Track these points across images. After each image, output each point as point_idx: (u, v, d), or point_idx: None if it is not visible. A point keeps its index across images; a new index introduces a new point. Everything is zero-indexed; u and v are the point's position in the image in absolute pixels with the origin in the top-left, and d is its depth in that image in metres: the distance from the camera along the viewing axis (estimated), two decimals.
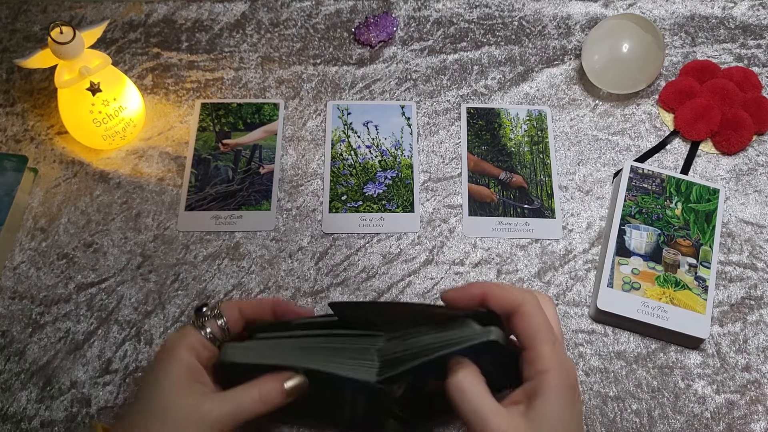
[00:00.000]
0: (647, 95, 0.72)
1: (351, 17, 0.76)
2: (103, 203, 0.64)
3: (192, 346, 0.44)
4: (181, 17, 0.75)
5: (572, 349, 0.58)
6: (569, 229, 0.64)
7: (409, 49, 0.74)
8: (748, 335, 0.58)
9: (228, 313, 0.47)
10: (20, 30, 0.75)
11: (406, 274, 0.61)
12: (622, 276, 0.58)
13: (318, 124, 0.69)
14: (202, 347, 0.45)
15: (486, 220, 0.64)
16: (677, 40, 0.75)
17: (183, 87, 0.71)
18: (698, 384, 0.56)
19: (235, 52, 0.73)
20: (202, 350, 0.45)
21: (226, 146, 0.67)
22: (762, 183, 0.66)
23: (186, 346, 0.44)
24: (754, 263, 0.62)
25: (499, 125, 0.69)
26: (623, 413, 0.55)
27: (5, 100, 0.70)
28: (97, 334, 0.58)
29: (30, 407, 0.54)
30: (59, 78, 0.60)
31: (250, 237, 0.63)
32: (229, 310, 0.47)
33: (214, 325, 0.46)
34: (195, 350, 0.44)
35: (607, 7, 0.77)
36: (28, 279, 0.60)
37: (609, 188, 0.66)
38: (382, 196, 0.65)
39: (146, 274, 0.61)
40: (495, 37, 0.75)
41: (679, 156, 0.68)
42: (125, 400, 0.55)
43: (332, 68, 0.72)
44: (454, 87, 0.71)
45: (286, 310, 0.48)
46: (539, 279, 0.61)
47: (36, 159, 0.66)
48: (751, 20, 0.76)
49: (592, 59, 0.69)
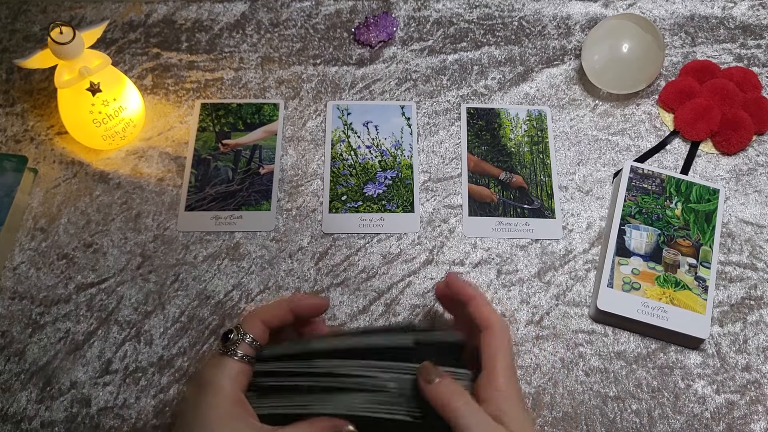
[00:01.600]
0: (647, 95, 0.72)
1: (351, 17, 0.76)
2: (103, 203, 0.64)
3: (233, 376, 0.44)
4: (181, 17, 0.75)
5: (572, 350, 0.58)
6: (569, 229, 0.64)
7: (409, 49, 0.74)
8: (748, 335, 0.58)
9: (252, 330, 0.46)
10: (20, 30, 0.75)
11: (406, 274, 0.61)
12: (622, 276, 0.58)
13: (318, 125, 0.69)
14: (241, 374, 0.45)
15: (486, 221, 0.64)
16: (677, 40, 0.75)
17: (183, 87, 0.71)
18: (698, 384, 0.56)
19: (235, 53, 0.73)
20: (242, 378, 0.45)
21: (226, 146, 0.67)
22: (762, 183, 0.66)
23: (227, 377, 0.44)
24: (754, 263, 0.62)
25: (499, 125, 0.69)
26: (623, 413, 0.55)
27: (5, 100, 0.70)
28: (97, 335, 0.58)
29: (30, 407, 0.54)
30: (59, 78, 0.60)
31: (250, 237, 0.63)
32: (253, 326, 0.46)
33: (245, 346, 0.45)
34: (236, 380, 0.44)
35: (607, 7, 0.77)
36: (28, 279, 0.60)
37: (609, 188, 0.66)
38: (382, 197, 0.65)
39: (146, 274, 0.61)
40: (495, 37, 0.75)
41: (679, 156, 0.68)
42: (125, 401, 0.55)
43: (332, 68, 0.72)
44: (454, 87, 0.71)
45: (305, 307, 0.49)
46: (539, 279, 0.61)
47: (36, 159, 0.66)
48: (751, 20, 0.76)
49: (592, 59, 0.69)
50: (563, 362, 0.57)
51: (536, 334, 0.58)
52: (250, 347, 0.46)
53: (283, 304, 0.48)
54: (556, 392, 0.56)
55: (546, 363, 0.57)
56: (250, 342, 0.46)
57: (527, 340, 0.58)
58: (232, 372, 0.44)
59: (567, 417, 0.55)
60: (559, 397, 0.56)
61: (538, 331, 0.58)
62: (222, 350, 0.45)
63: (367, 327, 0.58)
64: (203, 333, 0.58)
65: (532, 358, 0.57)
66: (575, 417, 0.55)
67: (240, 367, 0.45)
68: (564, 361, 0.57)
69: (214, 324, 0.58)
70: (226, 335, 0.46)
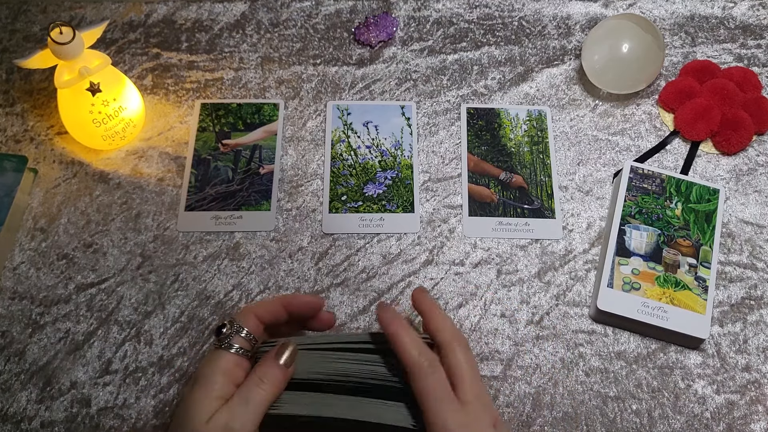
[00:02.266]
0: (647, 95, 0.72)
1: (351, 17, 0.76)
2: (103, 203, 0.64)
3: (225, 370, 0.44)
4: (180, 17, 0.75)
5: (572, 350, 0.58)
6: (569, 229, 0.64)
7: (409, 49, 0.74)
8: (748, 335, 0.58)
9: (247, 323, 0.46)
10: (20, 30, 0.75)
11: (406, 274, 0.61)
12: (622, 276, 0.58)
13: (318, 125, 0.69)
14: (235, 366, 0.44)
15: (486, 221, 0.64)
16: (677, 40, 0.75)
17: (183, 87, 0.71)
18: (698, 384, 0.56)
19: (235, 53, 0.73)
20: (236, 370, 0.44)
21: (226, 146, 0.67)
22: (762, 183, 0.66)
23: (220, 371, 0.44)
24: (754, 263, 0.62)
25: (499, 125, 0.69)
26: (623, 413, 0.55)
27: (5, 100, 0.70)
28: (97, 335, 0.58)
29: (30, 408, 0.54)
30: (59, 78, 0.60)
31: (250, 237, 0.63)
32: (246, 319, 0.46)
33: (240, 339, 0.45)
34: (229, 373, 0.44)
35: (607, 7, 0.77)
36: (28, 279, 0.60)
37: (609, 188, 0.66)
38: (382, 197, 0.65)
39: (146, 274, 0.61)
40: (495, 37, 0.75)
41: (679, 156, 0.68)
42: (125, 401, 0.55)
43: (332, 68, 0.72)
44: (454, 87, 0.71)
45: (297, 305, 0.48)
46: (539, 279, 0.61)
47: (36, 159, 0.66)
48: (751, 20, 0.76)
49: (592, 59, 0.69)
50: (563, 362, 0.57)
51: (536, 334, 0.58)
52: (245, 340, 0.45)
53: (276, 301, 0.48)
54: (556, 392, 0.56)
55: (546, 363, 0.57)
56: (245, 335, 0.45)
57: (527, 340, 0.58)
58: (226, 365, 0.44)
59: (567, 417, 0.55)
60: (559, 397, 0.56)
61: (538, 331, 0.58)
62: (217, 344, 0.45)
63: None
64: (203, 333, 0.58)
65: (532, 358, 0.57)
66: (575, 417, 0.55)
67: (236, 359, 0.45)
68: (564, 361, 0.57)
69: (214, 324, 0.58)
70: (219, 329, 0.46)
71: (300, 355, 0.46)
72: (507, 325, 0.59)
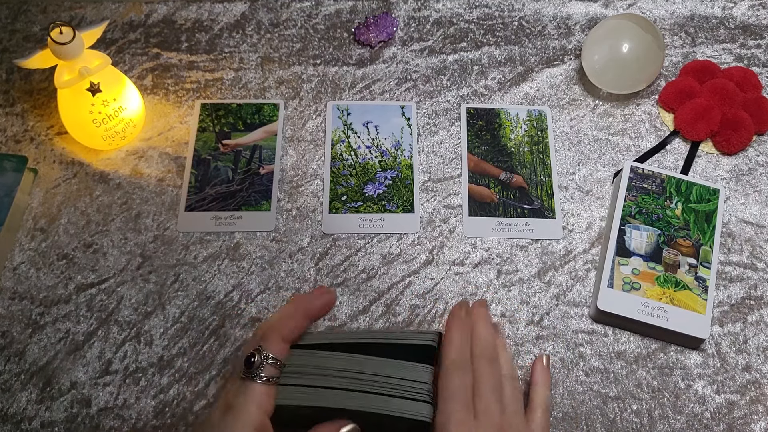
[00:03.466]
0: (647, 95, 0.72)
1: (351, 17, 0.76)
2: (103, 204, 0.64)
3: (259, 402, 0.44)
4: (181, 17, 0.75)
5: (572, 350, 0.58)
6: (569, 229, 0.64)
7: (409, 50, 0.74)
8: (749, 335, 0.58)
9: (274, 350, 0.46)
10: (20, 30, 0.75)
11: (406, 274, 0.61)
12: (622, 276, 0.58)
13: (318, 125, 0.69)
14: (266, 396, 0.45)
15: (486, 221, 0.64)
16: (677, 40, 0.75)
17: (183, 87, 0.71)
18: (698, 384, 0.56)
19: (235, 53, 0.73)
20: (266, 400, 0.45)
21: (226, 147, 0.67)
22: (762, 183, 0.66)
23: (253, 402, 0.44)
24: (754, 263, 0.62)
25: (499, 125, 0.69)
26: (623, 413, 0.55)
27: (5, 100, 0.70)
28: (97, 335, 0.58)
29: (30, 408, 0.54)
30: (59, 78, 0.60)
31: (250, 237, 0.63)
32: (273, 345, 0.46)
33: (268, 368, 0.45)
34: (261, 405, 0.44)
35: (607, 7, 0.77)
36: (28, 279, 0.60)
37: (609, 188, 0.66)
38: (382, 197, 0.65)
39: (146, 274, 0.61)
40: (495, 37, 0.75)
41: (679, 156, 0.68)
42: (125, 401, 0.55)
43: (332, 68, 0.72)
44: (454, 87, 0.71)
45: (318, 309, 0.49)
46: (539, 279, 0.61)
47: (36, 159, 0.66)
48: (751, 20, 0.76)
49: (592, 59, 0.69)
50: (563, 362, 0.57)
51: (536, 334, 0.58)
52: (273, 368, 0.45)
53: (298, 316, 0.48)
54: (557, 392, 0.56)
55: None
56: (272, 363, 0.45)
57: (527, 341, 0.58)
58: (258, 397, 0.44)
59: (567, 417, 0.55)
60: (559, 397, 0.56)
61: (539, 332, 0.58)
62: (245, 375, 0.45)
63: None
64: (203, 333, 0.58)
65: (533, 359, 0.57)
66: (575, 417, 0.55)
67: (265, 389, 0.45)
68: (564, 362, 0.57)
69: (214, 324, 0.58)
70: (249, 360, 0.45)
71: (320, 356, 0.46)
72: (507, 325, 0.59)
